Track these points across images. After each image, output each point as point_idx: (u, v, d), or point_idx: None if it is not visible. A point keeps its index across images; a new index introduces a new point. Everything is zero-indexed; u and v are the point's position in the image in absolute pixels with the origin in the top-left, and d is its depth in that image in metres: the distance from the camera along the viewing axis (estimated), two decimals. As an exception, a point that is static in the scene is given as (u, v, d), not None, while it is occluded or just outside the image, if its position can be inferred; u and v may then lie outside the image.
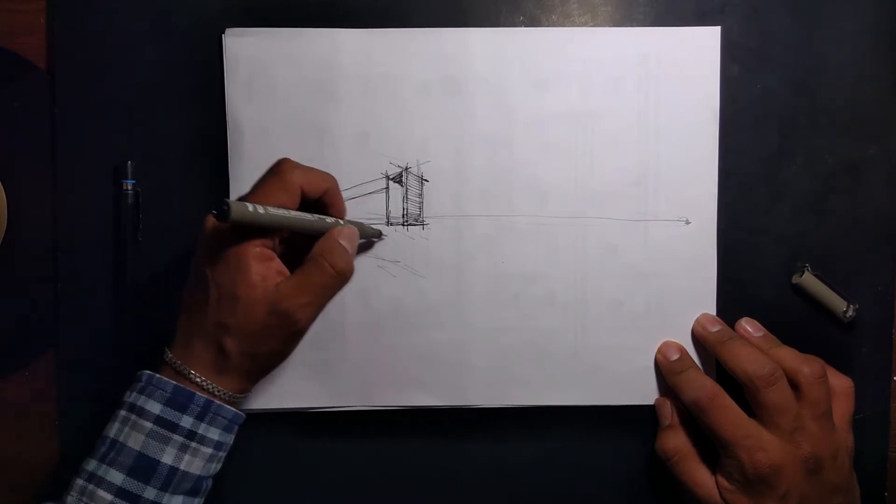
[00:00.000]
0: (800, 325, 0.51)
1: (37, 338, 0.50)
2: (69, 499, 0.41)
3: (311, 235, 0.44)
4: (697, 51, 0.49)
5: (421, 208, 0.50)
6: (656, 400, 0.50)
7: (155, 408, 0.41)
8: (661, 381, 0.50)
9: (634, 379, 0.50)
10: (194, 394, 0.42)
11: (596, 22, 0.50)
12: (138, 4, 0.49)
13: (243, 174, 0.49)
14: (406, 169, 0.49)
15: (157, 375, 0.42)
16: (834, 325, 0.51)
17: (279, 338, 0.42)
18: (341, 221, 0.45)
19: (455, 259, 0.50)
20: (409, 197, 0.49)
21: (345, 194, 0.49)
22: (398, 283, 0.50)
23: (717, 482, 0.46)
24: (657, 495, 0.51)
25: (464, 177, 0.50)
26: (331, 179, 0.45)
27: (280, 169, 0.43)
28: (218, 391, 0.42)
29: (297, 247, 0.45)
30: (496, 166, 0.49)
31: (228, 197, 0.49)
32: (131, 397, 0.42)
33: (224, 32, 0.49)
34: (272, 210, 0.41)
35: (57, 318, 0.50)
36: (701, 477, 0.47)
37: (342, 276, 0.43)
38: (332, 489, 0.51)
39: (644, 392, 0.50)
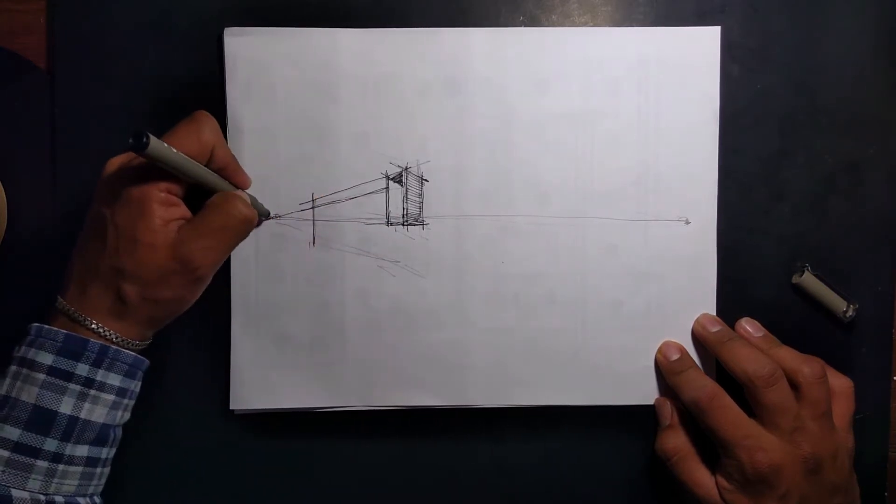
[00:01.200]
0: (800, 325, 0.51)
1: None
2: None
3: (211, 193, 0.44)
4: (697, 51, 0.49)
5: (421, 208, 0.50)
6: (656, 400, 0.50)
7: (47, 359, 0.40)
8: (661, 381, 0.50)
9: (634, 379, 0.50)
10: (88, 340, 0.40)
11: (596, 22, 0.50)
12: (138, 4, 0.49)
13: (243, 174, 0.49)
14: (406, 169, 0.49)
15: (47, 326, 0.41)
16: (834, 325, 0.51)
17: (180, 283, 0.42)
18: (238, 189, 0.46)
19: (455, 259, 0.50)
20: (409, 197, 0.49)
21: (345, 194, 0.49)
22: (398, 283, 0.50)
23: (716, 482, 0.46)
24: (657, 495, 0.51)
25: (464, 177, 0.50)
26: (232, 156, 0.45)
27: (198, 118, 0.42)
28: (116, 337, 0.41)
29: (195, 205, 0.44)
30: (496, 166, 0.49)
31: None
32: (20, 351, 0.41)
33: (224, 32, 0.49)
34: (183, 156, 0.40)
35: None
36: (701, 477, 0.47)
37: (244, 221, 0.43)
38: (332, 489, 0.51)
39: (644, 392, 0.50)
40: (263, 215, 0.49)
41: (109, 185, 0.41)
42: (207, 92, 0.49)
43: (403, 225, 0.50)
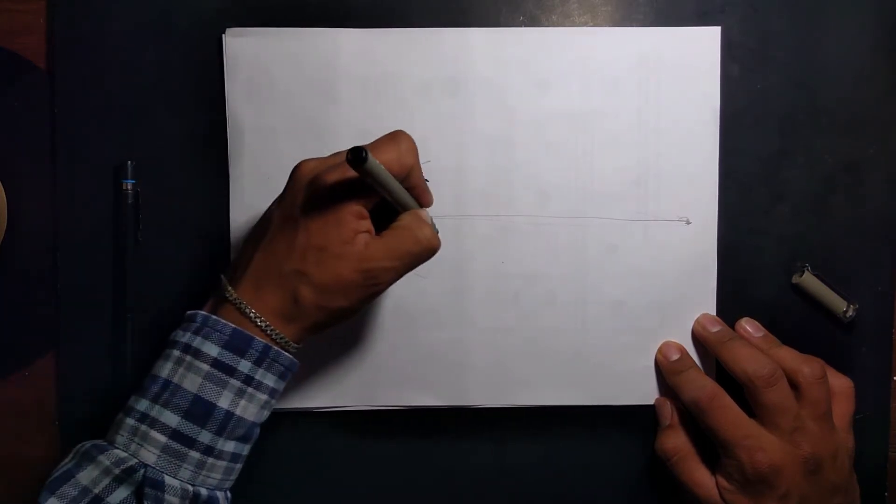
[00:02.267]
0: (800, 325, 0.51)
1: (37, 338, 0.50)
2: (119, 438, 0.40)
3: (394, 210, 0.43)
4: (697, 51, 0.49)
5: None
6: (656, 400, 0.50)
7: (213, 350, 0.40)
8: (661, 381, 0.50)
9: (634, 379, 0.50)
10: (253, 338, 0.41)
11: (596, 22, 0.50)
12: (138, 4, 0.49)
13: (243, 174, 0.49)
14: (406, 169, 0.49)
15: (214, 317, 0.41)
16: (834, 325, 0.51)
17: (357, 295, 0.41)
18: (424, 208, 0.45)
19: (455, 259, 0.50)
20: (409, 197, 0.49)
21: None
22: (398, 283, 0.49)
23: (716, 482, 0.46)
24: (657, 495, 0.51)
25: (464, 177, 0.50)
26: (420, 172, 0.44)
27: (399, 138, 0.42)
28: (279, 338, 0.41)
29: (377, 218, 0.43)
30: (496, 166, 0.49)
31: (229, 197, 0.49)
32: (186, 337, 0.41)
33: (224, 32, 0.49)
34: (387, 173, 0.40)
35: (57, 318, 0.50)
36: (701, 477, 0.47)
37: (430, 248, 0.42)
38: (332, 489, 0.51)
39: (644, 392, 0.50)
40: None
41: (305, 192, 0.41)
42: (207, 92, 0.49)
43: (403, 225, 0.50)
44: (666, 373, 0.49)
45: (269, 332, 0.41)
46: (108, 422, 0.43)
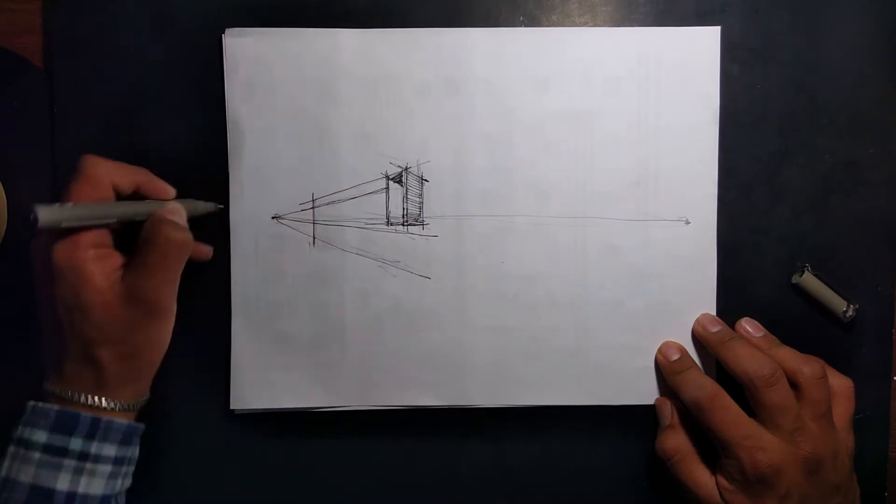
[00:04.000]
0: (800, 325, 0.51)
1: (37, 338, 0.50)
2: None
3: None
4: (697, 51, 0.49)
5: (421, 208, 0.50)
6: (656, 400, 0.50)
7: (41, 437, 0.40)
8: (661, 381, 0.50)
9: (634, 379, 0.50)
10: (79, 413, 0.40)
11: (596, 22, 0.50)
12: (138, 4, 0.49)
13: (243, 174, 0.49)
14: (406, 169, 0.49)
15: (40, 404, 0.41)
16: (834, 325, 0.51)
17: (148, 327, 0.41)
18: (164, 203, 0.44)
19: (455, 259, 0.50)
20: (409, 197, 0.49)
21: (345, 194, 0.49)
22: (398, 283, 0.50)
23: (717, 482, 0.46)
24: (657, 495, 0.51)
25: (464, 177, 0.49)
26: (142, 172, 0.44)
27: (83, 166, 0.41)
28: (108, 404, 0.41)
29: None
30: (496, 166, 0.49)
31: (228, 197, 0.49)
32: (17, 431, 0.41)
33: (224, 32, 0.49)
34: (83, 204, 0.40)
35: (57, 319, 0.49)
36: (701, 477, 0.47)
37: (181, 245, 0.42)
38: (332, 489, 0.51)
39: (644, 392, 0.50)
40: (209, 210, 0.48)
41: (38, 266, 0.41)
42: (207, 92, 0.49)
43: (403, 225, 0.50)
44: (666, 373, 0.49)
45: (92, 403, 0.41)
46: None
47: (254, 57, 0.49)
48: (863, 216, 0.51)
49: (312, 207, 0.49)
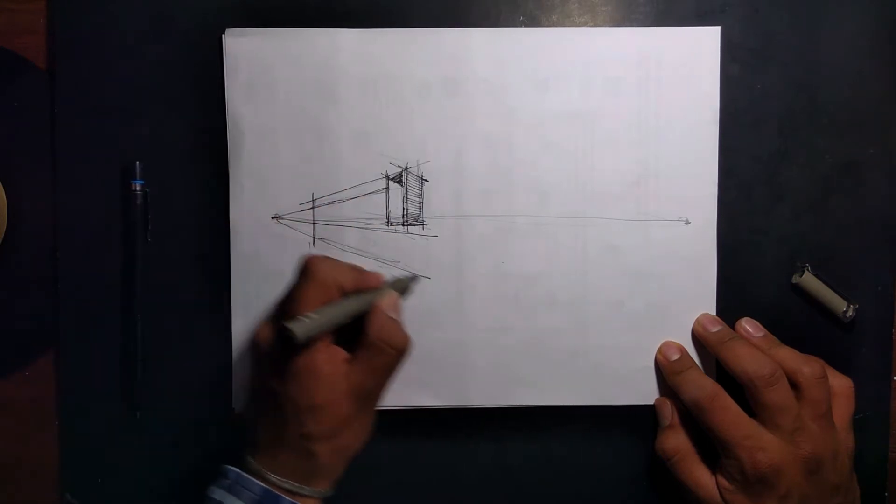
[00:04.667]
0: (800, 325, 0.51)
1: (37, 338, 0.50)
2: None
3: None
4: (697, 51, 0.49)
5: (421, 208, 0.50)
6: (656, 400, 0.50)
7: None
8: (661, 381, 0.50)
9: (634, 379, 0.50)
10: (280, 497, 0.41)
11: (596, 22, 0.50)
12: (138, 4, 0.49)
13: (243, 174, 0.49)
14: (406, 169, 0.49)
15: (246, 475, 0.42)
16: (834, 325, 0.51)
17: (363, 423, 0.43)
18: (380, 288, 0.45)
19: (455, 259, 0.50)
20: (409, 197, 0.49)
21: (345, 194, 0.49)
22: (398, 283, 0.50)
23: (717, 482, 0.46)
24: (657, 495, 0.51)
25: (464, 177, 0.50)
26: (356, 269, 0.45)
27: (311, 271, 0.43)
28: (311, 492, 0.42)
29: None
30: (496, 166, 0.49)
31: (228, 197, 0.49)
32: (218, 493, 0.42)
33: (224, 32, 0.49)
34: (324, 310, 0.41)
35: (57, 319, 0.50)
36: (701, 477, 0.47)
37: (403, 352, 0.43)
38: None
39: (644, 392, 0.50)
40: (412, 282, 0.48)
41: (271, 361, 0.42)
42: (207, 92, 0.49)
43: (403, 225, 0.50)
44: (666, 373, 0.49)
45: (297, 490, 0.42)
46: (108, 422, 0.43)
47: (254, 57, 0.49)
48: (863, 216, 0.51)
49: (312, 207, 0.49)
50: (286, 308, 0.42)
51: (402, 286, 0.47)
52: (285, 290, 0.43)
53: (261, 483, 0.41)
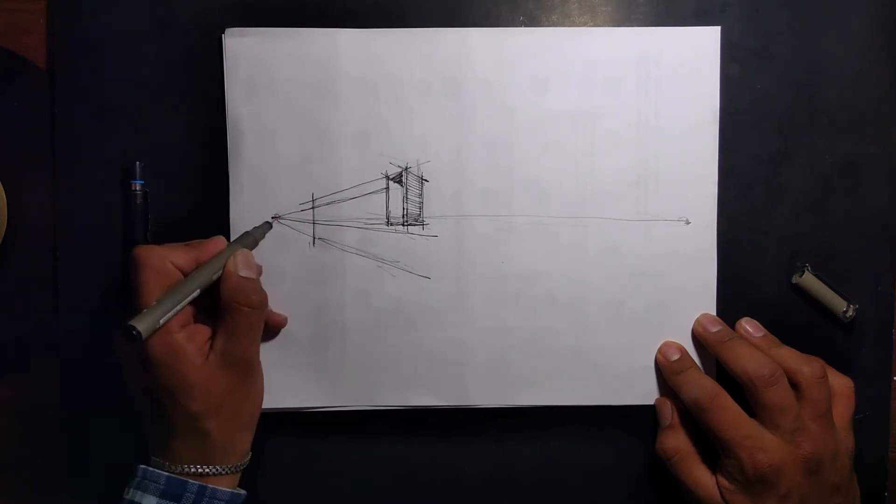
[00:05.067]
0: (800, 325, 0.51)
1: (37, 338, 0.50)
2: None
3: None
4: (697, 51, 0.49)
5: (421, 208, 0.50)
6: (656, 400, 0.50)
7: (151, 501, 0.42)
8: (661, 381, 0.50)
9: (634, 379, 0.50)
10: (186, 481, 0.42)
11: (596, 22, 0.50)
12: (138, 4, 0.49)
13: (243, 174, 0.49)
14: (406, 169, 0.49)
15: (151, 468, 0.43)
16: (834, 325, 0.51)
17: (245, 387, 0.43)
18: (230, 247, 0.45)
19: (455, 259, 0.50)
20: (409, 197, 0.49)
21: (345, 194, 0.49)
22: (398, 283, 0.50)
23: (717, 482, 0.46)
24: (657, 495, 0.51)
25: (464, 177, 0.49)
26: (192, 245, 0.45)
27: (139, 258, 0.43)
28: (215, 469, 0.43)
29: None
30: (496, 166, 0.49)
31: (229, 197, 0.49)
32: (129, 493, 0.42)
33: (224, 32, 0.49)
34: (166, 296, 0.41)
35: (57, 319, 0.50)
36: (701, 477, 0.47)
37: (261, 307, 0.44)
38: (332, 489, 0.51)
39: (644, 392, 0.50)
40: (266, 231, 0.48)
41: (132, 359, 0.43)
42: (207, 92, 0.49)
43: (403, 225, 0.50)
44: (666, 373, 0.49)
45: (200, 471, 0.42)
46: (107, 421, 0.43)
47: (254, 57, 0.49)
48: (863, 216, 0.51)
49: (312, 207, 0.49)
50: (131, 305, 0.42)
51: (252, 239, 0.47)
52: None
53: (165, 473, 0.42)
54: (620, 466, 0.51)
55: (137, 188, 0.49)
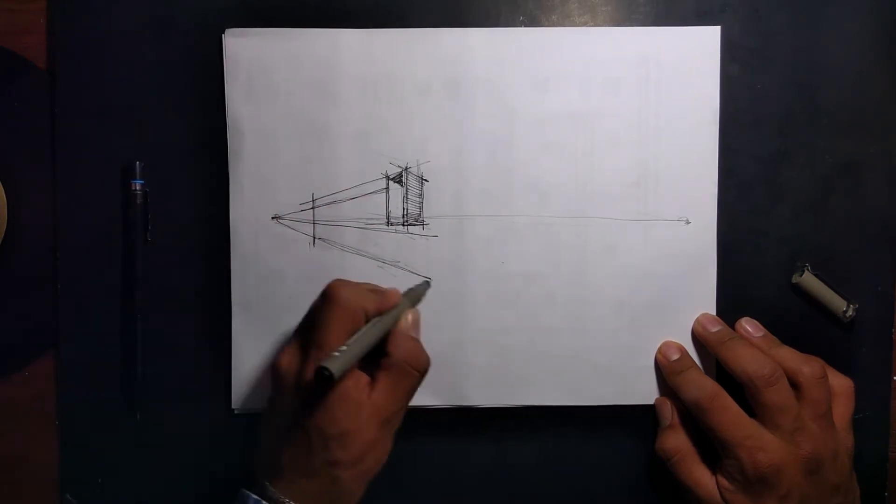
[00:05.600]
0: (800, 325, 0.51)
1: (37, 338, 0.50)
2: None
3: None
4: (697, 51, 0.49)
5: (421, 208, 0.50)
6: (656, 400, 0.50)
7: None
8: (661, 381, 0.50)
9: (634, 379, 0.50)
10: None
11: (596, 22, 0.50)
12: (138, 4, 0.49)
13: (243, 174, 0.49)
14: (406, 169, 0.49)
15: (264, 502, 0.41)
16: (834, 325, 0.51)
17: (384, 445, 0.43)
18: (402, 303, 0.45)
19: (455, 259, 0.50)
20: (409, 197, 0.49)
21: (345, 194, 0.49)
22: (398, 284, 0.49)
23: (717, 482, 0.46)
24: (657, 495, 0.51)
25: (464, 177, 0.50)
26: (377, 293, 0.44)
27: (335, 298, 0.42)
28: None
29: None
30: (496, 166, 0.49)
31: (228, 197, 0.49)
32: None
33: (224, 32, 0.49)
34: (352, 341, 0.41)
35: (57, 319, 0.50)
36: (701, 477, 0.47)
37: (425, 373, 0.44)
38: (332, 489, 0.51)
39: (644, 392, 0.50)
40: (426, 289, 0.48)
41: (297, 390, 0.42)
42: (207, 92, 0.49)
43: (403, 225, 0.50)
44: (666, 373, 0.49)
45: None
46: (108, 422, 0.43)
47: (254, 57, 0.49)
48: (863, 216, 0.51)
49: (312, 207, 0.49)
50: (312, 337, 0.42)
51: (417, 296, 0.47)
52: (308, 316, 0.43)
53: None
54: (620, 466, 0.51)
55: (137, 188, 0.49)
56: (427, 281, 0.49)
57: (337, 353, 0.40)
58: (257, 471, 0.43)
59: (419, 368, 0.43)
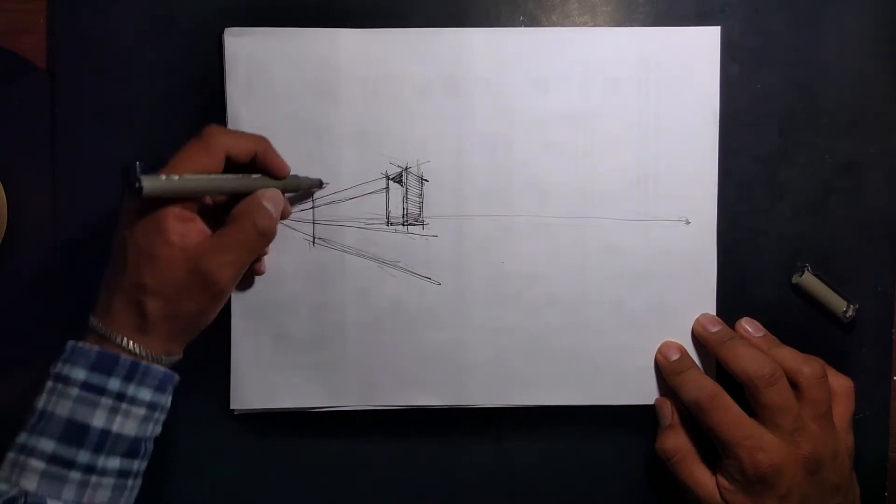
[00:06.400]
0: (800, 325, 0.51)
1: (37, 338, 0.50)
2: (1, 473, 0.40)
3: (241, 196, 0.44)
4: (697, 51, 0.49)
5: (421, 208, 0.50)
6: (656, 400, 0.50)
7: (80, 374, 0.41)
8: (661, 381, 0.50)
9: (634, 379, 0.50)
10: (119, 356, 0.41)
11: (596, 22, 0.50)
12: (138, 4, 0.49)
13: (243, 174, 0.49)
14: (406, 169, 0.49)
15: (80, 343, 0.42)
16: (834, 325, 0.51)
17: (200, 298, 0.42)
18: (268, 180, 0.45)
19: (455, 259, 0.50)
20: (409, 197, 0.49)
21: (345, 194, 0.49)
22: (398, 283, 0.50)
23: (717, 482, 0.46)
24: (657, 495, 0.51)
25: (464, 177, 0.50)
26: (261, 142, 0.45)
27: (204, 133, 0.43)
28: (141, 351, 0.42)
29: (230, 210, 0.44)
30: (496, 166, 0.49)
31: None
32: (56, 367, 0.42)
33: (224, 32, 0.49)
34: (188, 176, 0.41)
35: (57, 318, 0.49)
36: (701, 477, 0.47)
37: (264, 235, 0.43)
38: (331, 489, 0.51)
39: (644, 392, 0.50)
40: (314, 186, 0.48)
41: (127, 211, 0.42)
42: (207, 92, 0.49)
43: (403, 225, 0.50)
44: (666, 373, 0.49)
45: (129, 347, 0.41)
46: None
47: (253, 57, 0.49)
48: (863, 216, 0.51)
49: (312, 207, 0.49)
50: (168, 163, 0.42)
51: (296, 184, 0.47)
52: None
53: (96, 347, 0.41)
54: (620, 466, 0.51)
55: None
56: (319, 180, 0.49)
57: (163, 176, 0.40)
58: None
59: (257, 225, 0.43)
